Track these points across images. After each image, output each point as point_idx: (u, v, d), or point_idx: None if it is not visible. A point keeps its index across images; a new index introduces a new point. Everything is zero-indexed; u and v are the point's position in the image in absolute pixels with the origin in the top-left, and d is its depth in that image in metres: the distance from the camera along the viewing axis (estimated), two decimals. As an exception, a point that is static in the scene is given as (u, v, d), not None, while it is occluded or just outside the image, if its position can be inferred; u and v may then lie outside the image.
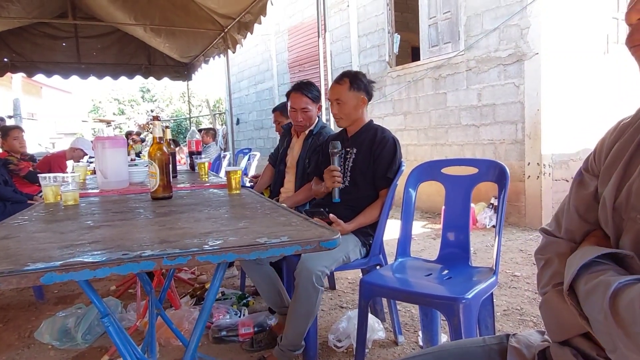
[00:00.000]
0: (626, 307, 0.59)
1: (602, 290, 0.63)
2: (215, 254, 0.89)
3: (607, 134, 0.83)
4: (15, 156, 3.94)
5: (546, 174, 4.50)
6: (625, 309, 0.59)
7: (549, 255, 0.86)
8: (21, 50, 6.88)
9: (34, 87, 20.66)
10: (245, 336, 2.25)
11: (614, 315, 0.60)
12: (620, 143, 0.78)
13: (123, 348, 1.05)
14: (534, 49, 4.39)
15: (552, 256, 0.85)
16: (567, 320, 0.74)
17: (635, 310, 0.58)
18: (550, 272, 0.83)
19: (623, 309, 0.60)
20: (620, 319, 0.60)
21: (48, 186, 1.67)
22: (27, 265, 0.79)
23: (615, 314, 0.60)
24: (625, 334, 0.59)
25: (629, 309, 0.59)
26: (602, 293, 0.63)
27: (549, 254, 0.86)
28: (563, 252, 0.83)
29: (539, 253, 0.90)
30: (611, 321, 0.60)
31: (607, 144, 0.81)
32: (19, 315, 2.74)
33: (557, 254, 0.84)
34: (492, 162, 1.89)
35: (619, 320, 0.60)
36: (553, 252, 0.85)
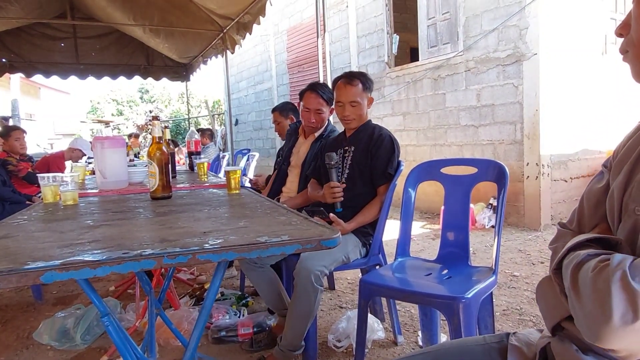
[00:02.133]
0: (583, 274, 0.64)
1: (573, 261, 0.68)
2: (215, 252, 0.89)
3: (628, 133, 0.84)
4: (14, 157, 3.93)
5: (545, 174, 4.51)
6: (582, 275, 0.64)
7: (556, 245, 0.88)
8: (19, 51, 6.87)
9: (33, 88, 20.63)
10: (244, 336, 2.24)
11: (573, 282, 0.65)
12: (634, 139, 0.80)
13: (123, 347, 1.05)
14: (533, 49, 4.40)
15: (560, 246, 0.86)
16: (555, 304, 0.76)
17: (587, 275, 0.62)
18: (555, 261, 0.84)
19: (581, 274, 0.64)
20: (576, 283, 0.64)
21: (47, 186, 1.66)
22: (27, 264, 0.78)
23: (574, 280, 0.65)
24: (577, 296, 0.63)
25: (584, 275, 0.63)
26: (571, 263, 0.68)
27: (557, 245, 0.87)
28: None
29: (551, 244, 0.92)
30: (570, 287, 0.65)
31: (623, 141, 0.83)
32: (18, 316, 2.73)
33: (564, 244, 0.85)
34: (491, 162, 1.89)
35: (575, 285, 0.64)
36: (561, 242, 0.86)
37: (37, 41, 6.83)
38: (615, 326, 0.57)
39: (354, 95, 2.12)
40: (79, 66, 7.33)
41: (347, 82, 2.14)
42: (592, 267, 0.63)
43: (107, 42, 7.31)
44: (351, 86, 2.13)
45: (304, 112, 2.55)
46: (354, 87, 2.12)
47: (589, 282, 0.62)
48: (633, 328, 0.56)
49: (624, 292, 0.57)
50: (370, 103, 2.20)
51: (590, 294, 0.61)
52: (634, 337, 0.58)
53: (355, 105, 2.13)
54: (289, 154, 2.78)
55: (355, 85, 2.12)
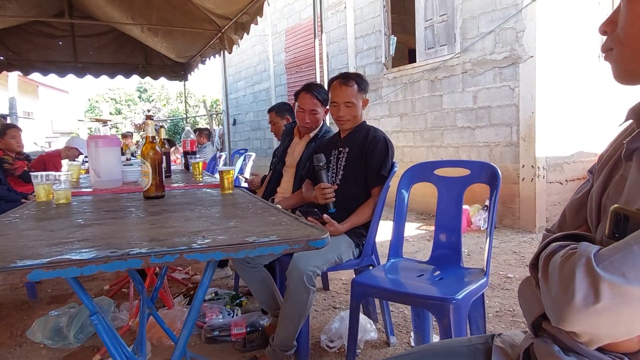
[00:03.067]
0: (552, 262, 0.67)
1: (547, 252, 0.70)
2: (203, 252, 0.89)
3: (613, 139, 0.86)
4: (10, 155, 3.93)
5: (540, 176, 4.52)
6: (551, 263, 0.67)
7: None
8: (17, 49, 6.86)
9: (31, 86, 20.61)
10: (237, 336, 2.25)
11: (544, 272, 0.68)
12: (615, 145, 0.81)
13: (112, 346, 1.05)
14: (529, 52, 4.41)
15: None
16: (534, 300, 0.77)
17: (556, 262, 0.66)
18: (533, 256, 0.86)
19: (551, 263, 0.67)
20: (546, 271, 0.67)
21: (40, 184, 1.67)
22: (14, 262, 0.79)
23: (544, 270, 0.68)
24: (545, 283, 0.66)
25: (553, 262, 0.66)
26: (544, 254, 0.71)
27: None
28: None
29: None
30: (542, 277, 0.68)
31: (608, 147, 0.84)
32: (12, 314, 2.73)
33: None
34: (484, 163, 1.90)
35: (545, 272, 0.67)
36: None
37: (35, 39, 6.83)
38: (577, 308, 0.60)
39: (349, 96, 2.13)
40: (76, 65, 7.33)
41: (343, 82, 2.14)
42: (562, 255, 0.66)
43: (106, 40, 7.31)
44: (346, 87, 2.13)
45: (298, 112, 2.55)
46: (349, 87, 2.13)
47: (556, 268, 0.65)
48: (594, 310, 0.59)
49: (587, 276, 0.59)
50: (365, 104, 2.21)
51: (557, 279, 0.64)
52: (594, 320, 0.60)
53: (350, 106, 2.14)
54: (284, 154, 2.78)
55: (350, 86, 2.13)
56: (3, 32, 6.55)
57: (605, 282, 0.58)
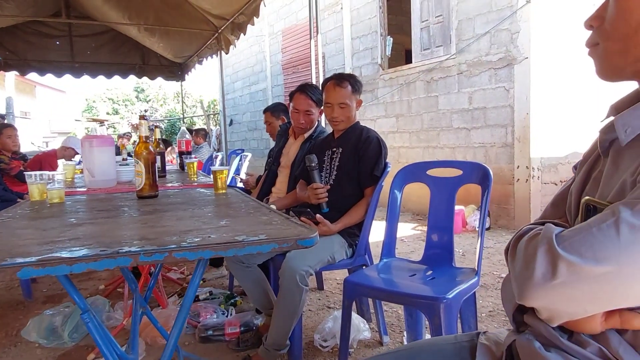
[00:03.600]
0: (520, 243, 0.70)
1: (516, 235, 0.74)
2: (192, 250, 0.90)
3: None
4: (6, 155, 3.92)
5: (535, 177, 4.54)
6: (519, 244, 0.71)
7: None
8: (14, 49, 6.85)
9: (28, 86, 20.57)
10: (231, 336, 2.26)
11: (512, 251, 0.72)
12: (593, 142, 0.82)
13: (103, 344, 1.06)
14: (524, 53, 4.44)
15: None
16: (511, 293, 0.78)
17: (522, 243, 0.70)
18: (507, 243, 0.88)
19: (518, 244, 0.71)
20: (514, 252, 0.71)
21: (34, 184, 1.67)
22: (4, 261, 0.80)
23: (513, 249, 0.72)
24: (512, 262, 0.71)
25: (520, 243, 0.71)
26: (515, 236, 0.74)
27: None
28: None
29: None
30: (509, 254, 0.72)
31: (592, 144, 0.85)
32: (7, 314, 2.73)
33: None
34: (475, 164, 1.92)
35: (513, 253, 0.71)
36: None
37: (32, 39, 6.82)
38: (535, 283, 0.63)
39: (343, 97, 2.14)
40: (73, 64, 7.31)
41: (337, 83, 2.15)
42: (528, 236, 0.70)
43: (103, 40, 7.30)
44: (340, 88, 2.14)
45: (293, 113, 2.57)
46: (343, 89, 2.14)
47: (522, 247, 0.69)
48: (551, 286, 0.62)
49: (548, 254, 0.63)
50: (359, 105, 2.22)
51: (521, 257, 0.68)
52: (551, 296, 0.63)
53: (344, 107, 2.15)
54: (279, 154, 2.80)
55: (344, 87, 2.14)
56: (0, 32, 6.55)
57: (563, 260, 0.61)
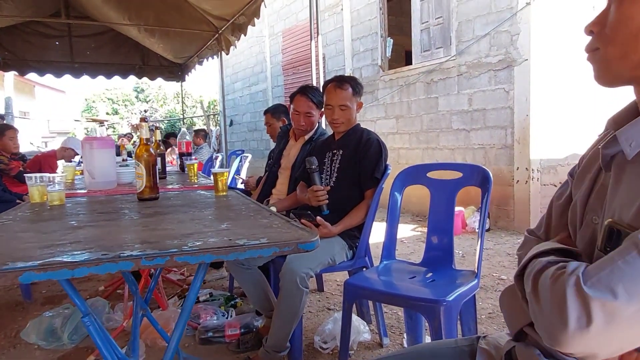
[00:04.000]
0: (542, 280, 0.67)
1: (535, 268, 0.71)
2: (193, 254, 0.91)
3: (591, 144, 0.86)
4: (5, 155, 3.92)
5: (534, 178, 4.55)
6: (541, 281, 0.67)
7: (522, 252, 0.89)
8: (13, 49, 6.84)
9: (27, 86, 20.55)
10: (231, 337, 2.26)
11: (534, 287, 0.68)
12: (592, 153, 0.81)
13: (104, 347, 1.06)
14: (524, 55, 4.44)
15: (524, 254, 0.88)
16: (517, 311, 0.78)
17: (546, 282, 0.66)
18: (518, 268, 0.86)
19: (540, 280, 0.67)
20: (537, 289, 0.68)
21: (34, 186, 1.67)
22: (6, 265, 0.80)
23: (534, 286, 0.68)
24: (537, 301, 0.66)
25: (544, 280, 0.67)
26: (532, 269, 0.71)
27: (523, 252, 0.89)
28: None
29: (518, 250, 0.94)
30: (531, 293, 0.68)
31: (586, 153, 0.85)
32: (6, 315, 2.73)
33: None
34: (475, 166, 1.92)
35: (536, 290, 0.68)
36: (527, 250, 0.88)
37: (32, 39, 6.81)
38: (571, 331, 0.59)
39: (344, 99, 2.14)
40: (73, 65, 7.30)
41: (338, 86, 2.16)
42: (551, 274, 0.66)
43: (102, 41, 7.29)
44: (341, 90, 2.14)
45: (293, 114, 2.57)
46: (344, 91, 2.14)
47: (547, 288, 0.65)
48: (588, 332, 0.58)
49: (578, 297, 0.59)
50: (360, 107, 2.22)
51: (549, 300, 0.64)
52: (589, 341, 0.60)
53: (345, 109, 2.15)
54: (280, 156, 2.80)
55: (345, 90, 2.14)
56: (-1, 32, 6.55)
57: (595, 301, 0.58)
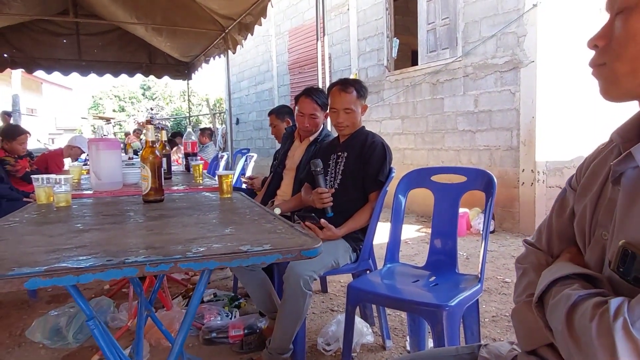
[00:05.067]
0: (579, 319, 0.63)
1: (564, 303, 0.67)
2: (197, 261, 0.91)
3: (590, 154, 0.85)
4: (12, 157, 3.95)
5: (540, 180, 4.53)
6: (577, 320, 0.63)
7: (526, 266, 0.88)
8: (21, 46, 6.89)
9: (34, 83, 20.68)
10: (235, 338, 2.27)
11: (569, 326, 0.64)
12: (595, 165, 0.80)
13: (108, 351, 1.07)
14: (530, 56, 4.42)
15: (529, 267, 0.87)
16: (535, 331, 0.77)
17: (585, 322, 0.61)
18: (525, 282, 0.86)
19: (576, 320, 0.63)
20: (572, 329, 0.63)
21: (41, 187, 1.69)
22: (12, 270, 0.81)
23: (569, 324, 0.64)
24: (576, 343, 0.62)
25: (581, 320, 0.62)
26: (563, 305, 0.67)
27: (526, 264, 0.89)
28: (539, 263, 0.85)
29: (518, 262, 0.93)
30: (565, 331, 0.64)
31: (586, 164, 0.84)
32: (11, 314, 2.75)
33: (534, 265, 0.87)
34: (480, 171, 1.91)
35: (572, 330, 0.63)
36: (530, 262, 0.88)
37: (40, 37, 6.86)
38: None
39: (348, 102, 2.14)
40: (80, 63, 7.35)
41: (342, 89, 2.15)
42: (590, 314, 0.62)
43: (110, 39, 7.34)
44: (346, 93, 2.14)
45: (298, 116, 2.58)
46: (348, 94, 2.14)
47: (591, 332, 0.60)
48: None
49: (628, 342, 0.56)
50: (364, 110, 2.22)
51: (595, 346, 0.59)
52: None
53: (349, 112, 2.15)
54: (285, 157, 2.81)
55: (349, 93, 2.14)
56: (7, 30, 6.58)
57: None
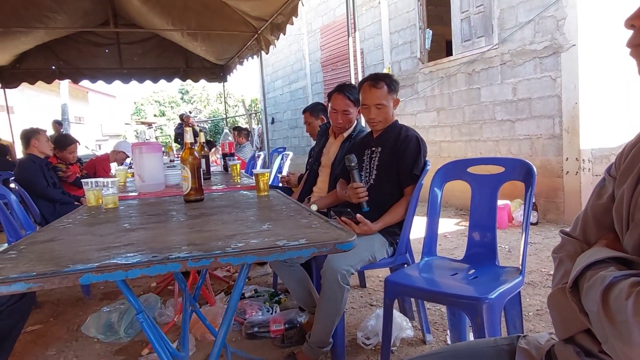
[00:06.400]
0: (615, 298, 0.63)
1: (599, 284, 0.67)
2: (236, 256, 0.95)
3: (631, 140, 0.83)
4: (63, 163, 4.17)
5: (586, 169, 4.35)
6: (613, 299, 0.63)
7: (562, 255, 0.87)
8: (67, 58, 7.26)
9: (81, 92, 21.67)
10: (276, 332, 2.32)
11: (604, 306, 0.64)
12: (636, 150, 0.78)
13: (156, 342, 1.13)
14: (571, 40, 4.25)
15: (564, 256, 0.86)
16: (570, 317, 0.76)
17: (621, 300, 0.61)
18: (562, 271, 0.85)
19: (612, 299, 0.63)
20: (608, 308, 0.63)
21: (90, 190, 1.79)
22: (67, 267, 0.88)
23: (605, 304, 0.64)
24: (611, 322, 0.62)
25: (617, 299, 0.62)
26: (599, 286, 0.66)
27: (562, 254, 0.87)
28: (575, 252, 0.84)
29: (554, 252, 0.91)
30: (601, 311, 0.64)
31: (627, 149, 0.82)
32: (68, 310, 2.93)
33: (570, 254, 0.85)
34: (518, 161, 1.87)
35: (607, 309, 0.63)
36: (566, 252, 0.87)
37: (83, 48, 7.20)
38: None
39: (379, 97, 2.14)
40: (122, 71, 7.67)
41: (373, 84, 2.15)
42: (627, 293, 0.61)
43: (148, 47, 7.60)
44: (376, 89, 2.14)
45: (331, 112, 2.60)
46: (379, 89, 2.13)
47: (627, 310, 0.60)
48: None
49: None
50: (396, 104, 2.21)
51: (631, 324, 0.59)
52: None
53: (381, 107, 2.15)
54: (320, 154, 2.83)
55: (380, 88, 2.13)
56: (54, 43, 6.95)
57: None
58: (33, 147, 3.76)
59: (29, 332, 2.58)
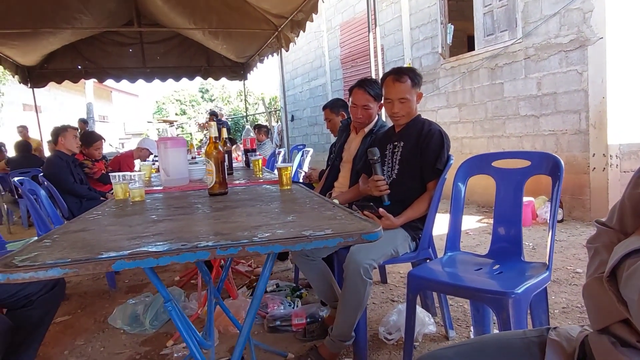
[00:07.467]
0: None
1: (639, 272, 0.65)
2: (263, 245, 0.96)
3: None
4: (90, 160, 4.27)
5: (613, 165, 4.25)
6: None
7: (597, 245, 0.86)
8: (93, 58, 7.44)
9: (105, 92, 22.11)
10: (298, 326, 2.33)
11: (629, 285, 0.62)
12: None
13: (184, 331, 1.15)
14: (598, 33, 4.15)
15: (600, 246, 0.84)
16: (606, 307, 0.74)
17: None
18: (597, 261, 0.83)
19: None
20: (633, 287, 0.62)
21: (118, 184, 1.83)
22: (100, 254, 0.90)
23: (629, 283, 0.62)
24: None
25: None
26: (639, 274, 0.65)
27: (598, 244, 0.86)
28: (611, 242, 0.82)
29: (589, 242, 0.89)
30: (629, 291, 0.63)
31: None
32: (95, 302, 3.00)
33: (605, 244, 0.84)
34: (544, 154, 1.84)
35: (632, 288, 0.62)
36: (602, 242, 0.85)
37: (108, 48, 7.36)
38: None
39: (403, 92, 2.12)
40: (145, 70, 7.81)
41: (396, 78, 2.13)
42: None
43: (171, 46, 7.72)
44: (400, 83, 2.12)
45: (352, 108, 2.59)
46: (402, 83, 2.12)
47: None
48: None
49: None
50: (420, 98, 2.19)
51: None
52: None
53: (404, 101, 2.13)
54: (341, 149, 2.83)
55: (403, 82, 2.12)
56: (80, 43, 7.12)
57: None
58: (60, 144, 3.86)
59: (58, 322, 2.65)
